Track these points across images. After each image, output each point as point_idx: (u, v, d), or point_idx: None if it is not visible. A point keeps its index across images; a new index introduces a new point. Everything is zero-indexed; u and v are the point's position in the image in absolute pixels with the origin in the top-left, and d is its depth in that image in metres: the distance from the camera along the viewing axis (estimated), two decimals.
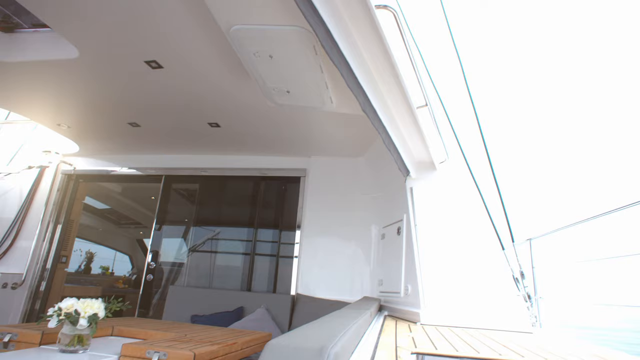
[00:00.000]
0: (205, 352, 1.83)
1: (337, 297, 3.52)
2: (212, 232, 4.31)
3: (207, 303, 3.57)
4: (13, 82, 3.12)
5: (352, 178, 3.97)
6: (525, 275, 3.08)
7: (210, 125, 3.54)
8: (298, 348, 0.81)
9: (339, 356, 0.82)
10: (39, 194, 4.59)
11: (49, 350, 1.86)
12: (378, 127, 2.40)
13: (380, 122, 2.39)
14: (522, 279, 3.06)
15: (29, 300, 4.20)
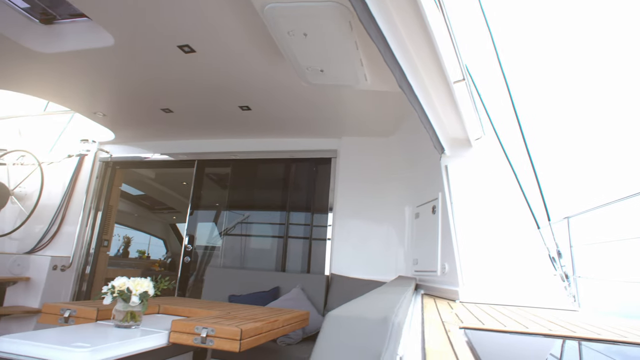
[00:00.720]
0: (250, 329, 1.88)
1: (371, 277, 3.53)
2: (241, 215, 4.40)
3: (243, 283, 3.66)
4: (52, 72, 3.22)
5: (384, 158, 3.93)
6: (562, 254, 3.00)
7: (241, 109, 3.56)
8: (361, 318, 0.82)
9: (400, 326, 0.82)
10: (79, 181, 4.78)
11: (105, 326, 1.96)
12: (414, 104, 2.35)
13: (416, 98, 2.34)
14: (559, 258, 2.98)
15: (77, 281, 4.44)
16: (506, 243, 2.79)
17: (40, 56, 2.96)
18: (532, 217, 3.10)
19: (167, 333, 1.89)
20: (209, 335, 1.81)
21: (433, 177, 3.24)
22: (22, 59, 3.00)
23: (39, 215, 4.73)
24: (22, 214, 4.79)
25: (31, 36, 2.84)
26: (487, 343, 1.19)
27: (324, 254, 3.87)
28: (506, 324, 1.56)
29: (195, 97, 3.45)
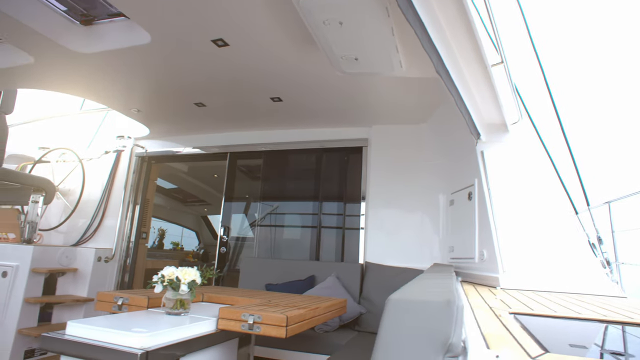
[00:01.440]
0: (295, 315, 1.93)
1: (406, 265, 3.53)
2: (270, 206, 4.46)
3: (279, 272, 3.73)
4: (91, 72, 3.34)
5: (416, 145, 3.89)
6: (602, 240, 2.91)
7: (272, 100, 3.60)
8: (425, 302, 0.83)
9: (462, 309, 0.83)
10: (118, 176, 4.97)
11: (156, 313, 2.05)
12: (450, 89, 2.31)
13: (452, 83, 2.30)
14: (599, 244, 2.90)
15: (119, 272, 4.64)
16: (545, 229, 2.73)
17: (80, 56, 3.07)
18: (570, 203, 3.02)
19: (215, 320, 1.96)
20: (256, 322, 1.87)
21: (468, 164, 3.19)
22: (64, 59, 3.12)
23: (82, 209, 4.95)
24: (67, 209, 5.03)
25: (72, 37, 2.95)
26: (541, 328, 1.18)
27: (357, 242, 3.89)
28: (556, 310, 1.54)
29: (227, 90, 3.50)
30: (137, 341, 1.51)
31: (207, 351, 1.93)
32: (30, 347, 3.87)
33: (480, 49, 2.15)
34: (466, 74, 2.44)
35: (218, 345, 2.02)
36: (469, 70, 2.39)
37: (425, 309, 0.81)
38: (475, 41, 2.10)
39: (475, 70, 2.37)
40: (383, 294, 3.32)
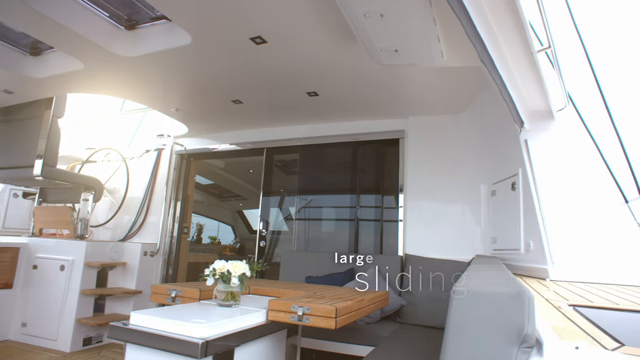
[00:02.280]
0: (343, 307, 1.96)
1: (447, 257, 3.49)
2: (305, 200, 4.51)
3: (318, 265, 3.78)
4: (135, 74, 3.47)
5: (454, 136, 3.82)
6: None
7: (308, 95, 3.62)
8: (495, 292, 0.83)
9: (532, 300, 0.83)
10: (159, 174, 5.16)
11: (208, 305, 2.13)
12: (494, 76, 2.26)
13: (496, 71, 2.24)
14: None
15: (164, 266, 4.85)
16: (594, 219, 2.63)
17: (125, 60, 3.20)
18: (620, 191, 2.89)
19: (265, 312, 2.02)
20: (305, 314, 1.92)
21: (510, 153, 3.10)
22: (111, 64, 3.26)
23: (126, 206, 5.19)
24: (113, 206, 5.28)
25: (118, 43, 3.08)
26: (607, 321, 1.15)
27: (396, 235, 3.88)
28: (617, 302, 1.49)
29: (264, 87, 3.55)
30: (197, 331, 1.59)
31: (258, 342, 2.00)
32: (87, 335, 4.12)
33: (526, 35, 2.08)
34: (510, 60, 2.37)
35: (268, 336, 2.09)
36: (513, 57, 2.33)
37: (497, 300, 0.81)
38: (521, 27, 2.04)
39: (520, 57, 2.30)
40: (425, 286, 3.32)
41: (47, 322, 4.11)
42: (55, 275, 4.22)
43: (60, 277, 4.19)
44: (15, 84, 3.82)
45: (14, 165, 4.24)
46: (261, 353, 2.04)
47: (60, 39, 2.95)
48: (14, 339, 4.23)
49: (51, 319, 4.09)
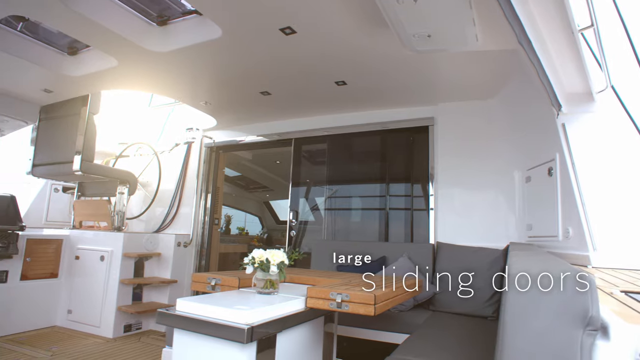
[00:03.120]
0: (382, 294, 1.98)
1: (480, 244, 3.45)
2: (331, 190, 4.52)
3: (349, 254, 3.80)
4: (167, 69, 3.54)
5: (485, 122, 3.73)
6: None
7: (337, 84, 3.62)
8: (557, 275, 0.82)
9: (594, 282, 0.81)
10: (190, 167, 5.29)
11: (248, 292, 2.19)
12: (532, 58, 2.19)
13: (534, 53, 2.17)
14: None
15: (197, 256, 4.99)
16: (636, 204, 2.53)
17: (157, 56, 3.27)
18: None
19: (304, 299, 2.06)
20: (344, 301, 1.94)
21: (546, 138, 3.02)
22: (143, 60, 3.34)
23: (159, 198, 5.35)
24: (146, 199, 5.45)
25: (151, 39, 3.15)
26: None
27: (426, 223, 3.86)
28: None
29: (292, 77, 3.57)
30: (242, 317, 1.64)
31: (298, 328, 2.04)
32: (128, 323, 4.31)
33: (567, 13, 2.00)
34: (548, 41, 2.30)
35: (307, 323, 2.13)
36: (552, 37, 2.25)
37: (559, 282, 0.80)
38: (562, 5, 1.96)
39: (560, 37, 2.22)
40: (457, 274, 3.29)
41: (90, 310, 4.32)
42: (96, 265, 4.42)
43: (101, 267, 4.38)
44: (54, 83, 3.98)
45: (55, 161, 4.43)
46: (300, 339, 2.09)
47: (96, 38, 3.04)
48: (60, 324, 4.47)
49: (94, 307, 4.30)
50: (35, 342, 3.82)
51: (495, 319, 3.06)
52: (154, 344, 3.95)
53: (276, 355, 1.83)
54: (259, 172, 7.42)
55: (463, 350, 2.22)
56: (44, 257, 4.45)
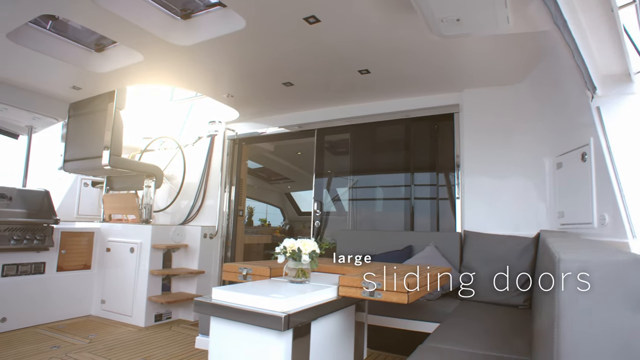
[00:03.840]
0: (414, 282, 1.97)
1: (509, 233, 3.39)
2: (352, 181, 4.51)
3: (374, 244, 3.80)
4: (191, 62, 3.57)
5: (513, 107, 3.64)
6: None
7: (360, 73, 3.58)
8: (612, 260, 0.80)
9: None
10: (213, 160, 5.36)
11: (279, 282, 2.22)
12: (567, 39, 2.12)
13: (569, 33, 2.10)
14: None
15: (222, 247, 5.07)
16: None
17: (182, 49, 3.30)
18: None
19: (335, 287, 2.07)
20: (377, 289, 1.95)
21: (579, 122, 2.92)
22: (168, 54, 3.38)
23: (184, 191, 5.45)
24: (172, 192, 5.56)
25: (175, 32, 3.18)
26: None
27: (452, 212, 3.81)
28: None
29: (315, 67, 3.55)
30: (279, 305, 1.66)
31: (330, 317, 2.06)
32: (158, 312, 4.43)
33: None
34: (583, 20, 2.21)
35: (339, 312, 2.15)
36: (589, 16, 2.16)
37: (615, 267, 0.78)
38: None
39: (597, 15, 2.13)
40: (486, 263, 3.25)
41: (122, 300, 4.46)
42: (126, 257, 4.55)
43: (131, 259, 4.51)
44: (82, 80, 4.07)
45: (85, 157, 4.56)
46: (333, 328, 2.10)
47: (122, 33, 3.09)
48: (95, 314, 4.64)
49: (126, 297, 4.44)
50: (73, 330, 3.97)
51: (527, 308, 3.01)
52: (184, 333, 4.06)
53: (311, 343, 1.86)
54: (281, 163, 7.46)
55: (497, 339, 2.20)
56: (77, 250, 4.61)
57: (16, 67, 3.77)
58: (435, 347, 2.03)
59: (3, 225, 3.90)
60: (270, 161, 7.32)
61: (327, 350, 2.05)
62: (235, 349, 1.77)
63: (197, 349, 3.42)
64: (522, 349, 1.97)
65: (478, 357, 1.88)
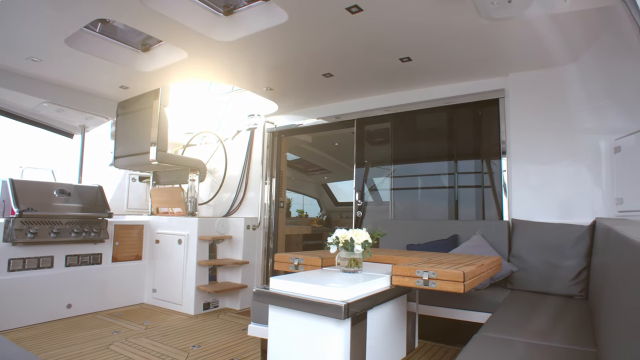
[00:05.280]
0: (469, 272, 1.95)
1: (560, 221, 3.27)
2: (388, 170, 4.47)
3: (417, 233, 3.77)
4: (231, 57, 3.63)
5: (564, 90, 3.47)
6: None
7: (401, 61, 3.53)
8: None
9: None
10: (254, 152, 5.46)
11: (331, 271, 2.25)
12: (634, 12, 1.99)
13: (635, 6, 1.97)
14: None
15: (265, 238, 5.19)
16: None
17: (224, 45, 3.37)
18: None
19: (389, 277, 2.08)
20: (431, 278, 1.94)
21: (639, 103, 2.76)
22: (211, 50, 3.46)
23: (226, 184, 5.59)
24: (214, 185, 5.72)
25: (218, 29, 3.25)
26: None
27: (498, 200, 3.71)
28: None
29: (355, 57, 3.53)
30: (337, 294, 1.69)
31: (385, 306, 2.08)
32: (206, 301, 4.61)
33: None
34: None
35: (392, 301, 2.16)
36: None
37: None
38: None
39: None
40: (536, 252, 3.15)
41: (172, 289, 4.67)
42: (174, 248, 4.74)
43: (179, 250, 4.70)
44: (129, 79, 4.24)
45: (133, 153, 4.77)
46: (387, 317, 2.12)
47: (168, 32, 3.19)
48: (147, 302, 4.89)
49: (175, 286, 4.64)
50: (129, 317, 4.21)
51: (583, 298, 2.91)
52: (232, 321, 4.21)
53: (367, 331, 1.88)
54: (317, 154, 7.50)
55: (556, 329, 2.14)
56: (129, 242, 4.86)
57: (72, 70, 3.98)
58: (492, 337, 2.01)
59: (64, 219, 4.17)
60: (307, 152, 7.37)
61: (382, 338, 2.07)
62: (295, 336, 1.82)
63: (248, 336, 3.53)
64: (585, 340, 1.91)
65: (538, 347, 1.85)
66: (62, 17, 2.95)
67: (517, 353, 1.76)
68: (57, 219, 4.11)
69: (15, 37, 3.28)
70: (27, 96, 4.35)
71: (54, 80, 4.26)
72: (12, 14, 2.92)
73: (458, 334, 3.34)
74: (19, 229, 3.80)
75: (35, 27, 3.11)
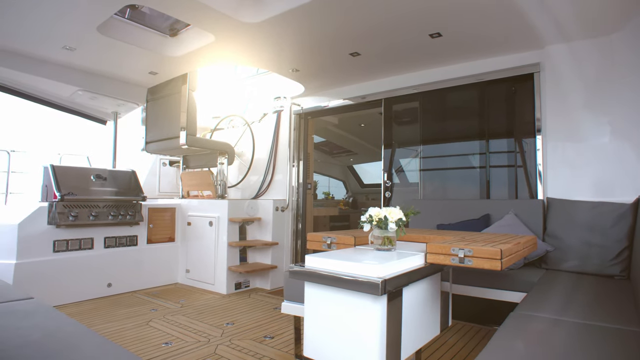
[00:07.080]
0: (507, 249, 1.92)
1: (600, 199, 3.15)
2: (415, 151, 4.39)
3: (447, 213, 3.72)
4: (258, 39, 3.62)
5: (606, 62, 3.29)
6: None
7: (431, 37, 3.43)
8: None
9: None
10: (281, 135, 5.48)
11: (365, 250, 2.26)
12: None
13: None
14: None
15: (294, 220, 5.25)
16: None
17: (251, 27, 3.36)
18: None
19: (423, 255, 2.07)
20: (467, 256, 1.92)
21: None
22: (237, 32, 3.46)
23: (254, 167, 5.66)
24: (242, 168, 5.81)
25: (244, 10, 3.23)
26: None
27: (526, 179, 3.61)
28: None
29: (384, 34, 3.45)
30: (374, 271, 1.70)
31: (419, 283, 2.08)
32: (238, 281, 4.74)
33: None
34: None
35: (426, 279, 2.16)
36: None
37: None
38: None
39: None
40: (574, 231, 3.06)
41: (204, 269, 4.82)
42: (206, 230, 4.87)
43: (210, 232, 4.82)
44: (158, 65, 4.31)
45: (164, 138, 4.89)
46: (422, 294, 2.12)
47: (196, 15, 3.20)
48: (181, 282, 5.07)
49: (207, 267, 4.79)
50: (165, 296, 4.39)
51: (624, 278, 2.82)
52: (263, 300, 4.32)
53: (403, 308, 1.89)
54: (343, 136, 7.46)
55: (596, 308, 2.09)
56: (162, 224, 5.02)
57: (103, 57, 4.08)
58: (529, 315, 1.98)
59: (102, 202, 4.34)
60: (333, 134, 7.34)
61: (417, 316, 2.08)
62: (331, 313, 1.85)
63: (280, 315, 3.63)
64: (629, 319, 1.86)
65: (579, 326, 1.81)
66: (94, 5, 3.01)
67: (561, 331, 1.73)
68: (95, 202, 4.29)
69: (51, 26, 3.38)
70: (63, 84, 4.50)
71: (87, 68, 4.38)
72: (48, 4, 3.00)
73: (491, 314, 3.32)
74: (61, 212, 3.99)
75: (70, 16, 3.19)
